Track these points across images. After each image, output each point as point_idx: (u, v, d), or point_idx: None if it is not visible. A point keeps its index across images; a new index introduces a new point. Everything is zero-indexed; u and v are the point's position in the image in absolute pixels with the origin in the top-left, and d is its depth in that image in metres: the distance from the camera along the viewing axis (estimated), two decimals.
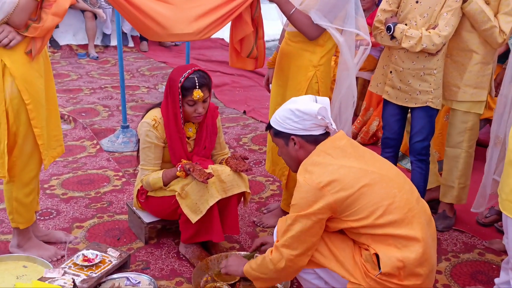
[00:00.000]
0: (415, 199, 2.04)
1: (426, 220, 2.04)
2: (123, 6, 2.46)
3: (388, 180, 2.00)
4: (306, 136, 2.07)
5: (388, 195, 1.95)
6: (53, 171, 3.64)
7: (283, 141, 2.13)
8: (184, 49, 5.08)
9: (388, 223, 1.93)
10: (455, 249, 2.92)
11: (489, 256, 2.87)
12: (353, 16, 2.67)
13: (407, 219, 1.95)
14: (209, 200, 2.52)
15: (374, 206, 1.93)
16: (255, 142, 4.36)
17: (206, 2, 2.54)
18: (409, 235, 1.93)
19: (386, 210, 1.93)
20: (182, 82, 2.53)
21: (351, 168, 1.97)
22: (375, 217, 1.92)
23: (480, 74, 2.84)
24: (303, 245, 1.98)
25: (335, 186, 1.92)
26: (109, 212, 3.17)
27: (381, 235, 1.94)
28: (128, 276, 2.50)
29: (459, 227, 3.12)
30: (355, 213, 1.94)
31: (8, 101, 2.34)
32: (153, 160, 2.67)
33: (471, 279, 2.68)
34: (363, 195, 1.93)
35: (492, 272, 2.71)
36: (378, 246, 1.96)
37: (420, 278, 1.96)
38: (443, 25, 2.70)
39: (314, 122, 2.05)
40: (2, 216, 3.01)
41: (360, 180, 1.94)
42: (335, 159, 1.99)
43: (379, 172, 2.01)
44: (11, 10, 2.21)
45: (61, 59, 6.83)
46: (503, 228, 2.27)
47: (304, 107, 2.04)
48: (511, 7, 2.68)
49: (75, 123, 4.59)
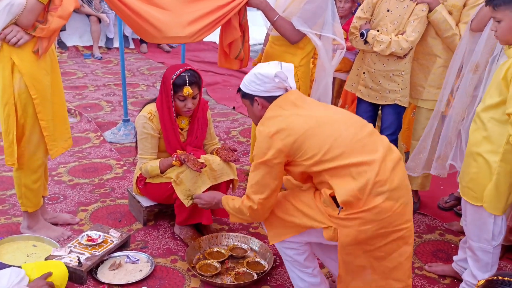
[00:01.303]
0: (367, 133, 1.96)
1: (384, 147, 1.94)
2: (123, 11, 2.43)
3: (333, 121, 1.96)
4: (267, 97, 2.03)
5: (333, 133, 1.91)
6: (61, 160, 3.60)
7: (249, 102, 2.11)
8: (180, 51, 5.06)
9: (337, 156, 1.87)
10: (418, 230, 2.93)
11: (449, 236, 2.89)
12: (330, 23, 2.66)
13: (356, 149, 1.89)
14: (201, 186, 2.51)
15: (320, 144, 1.89)
16: (243, 135, 4.34)
17: (199, 9, 2.52)
18: (358, 161, 1.86)
19: (332, 145, 1.88)
20: (174, 79, 2.51)
21: (299, 116, 1.95)
22: (322, 153, 1.88)
23: (443, 76, 2.84)
24: (267, 188, 1.97)
25: (283, 133, 1.90)
26: (111, 197, 3.15)
27: (333, 168, 1.88)
28: (128, 254, 2.50)
29: (422, 211, 3.14)
30: (305, 154, 1.90)
31: (17, 95, 2.30)
32: (149, 150, 2.65)
33: (433, 256, 2.69)
34: (309, 137, 1.90)
35: (451, 251, 2.73)
36: (335, 181, 1.88)
37: (383, 195, 1.84)
38: (410, 31, 2.70)
39: (273, 85, 2.02)
40: (14, 201, 2.97)
41: (306, 124, 1.92)
42: (285, 111, 1.97)
43: (327, 116, 1.99)
44: (19, 12, 2.18)
45: (68, 59, 6.77)
46: (462, 212, 2.29)
47: (265, 71, 2.02)
48: (471, 17, 2.68)
49: (80, 117, 4.55)
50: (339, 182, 1.87)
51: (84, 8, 6.37)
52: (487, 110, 2.03)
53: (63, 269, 2.18)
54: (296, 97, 2.03)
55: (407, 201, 1.92)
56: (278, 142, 1.90)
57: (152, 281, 2.35)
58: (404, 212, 1.90)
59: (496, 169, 2.01)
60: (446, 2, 2.72)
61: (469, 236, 2.21)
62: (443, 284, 2.45)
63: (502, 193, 2.04)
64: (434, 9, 2.67)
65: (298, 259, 2.09)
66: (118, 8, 2.41)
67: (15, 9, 2.17)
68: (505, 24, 1.95)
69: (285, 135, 1.90)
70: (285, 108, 1.98)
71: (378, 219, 1.84)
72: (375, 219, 1.84)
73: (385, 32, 2.77)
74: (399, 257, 1.92)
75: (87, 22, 6.98)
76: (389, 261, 1.92)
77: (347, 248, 1.89)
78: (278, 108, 1.99)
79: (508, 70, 1.94)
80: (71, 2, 2.28)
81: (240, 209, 2.08)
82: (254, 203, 2.00)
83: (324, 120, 1.95)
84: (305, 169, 1.94)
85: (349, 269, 1.94)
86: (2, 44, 2.25)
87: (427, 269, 2.55)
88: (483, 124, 2.04)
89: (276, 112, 1.98)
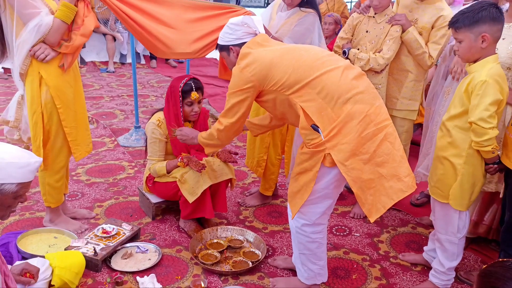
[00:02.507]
0: (327, 54, 1.92)
1: (345, 62, 1.89)
2: (137, 30, 2.44)
3: (296, 49, 1.94)
4: (240, 44, 2.03)
5: (294, 58, 1.87)
6: (80, 161, 3.59)
7: (226, 53, 2.11)
8: (185, 66, 5.08)
9: (300, 76, 1.83)
10: (393, 224, 2.95)
11: (420, 229, 2.90)
12: (317, 43, 2.68)
13: (316, 67, 1.83)
14: (203, 185, 2.52)
15: (284, 69, 1.86)
16: (240, 140, 4.35)
17: (202, 28, 2.53)
18: (319, 73, 1.82)
19: (294, 68, 1.85)
20: (182, 87, 2.54)
21: (266, 51, 1.94)
22: (287, 76, 1.85)
23: (414, 89, 2.86)
24: (236, 115, 1.99)
25: (251, 66, 1.90)
26: (123, 194, 3.14)
27: (300, 89, 1.83)
28: (138, 245, 2.50)
29: (396, 207, 3.14)
30: (272, 80, 1.88)
31: (43, 105, 2.31)
32: (158, 152, 2.66)
33: (406, 247, 2.70)
34: (275, 65, 1.88)
35: (422, 242, 2.74)
36: (306, 104, 1.83)
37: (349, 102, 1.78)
38: (386, 49, 2.72)
39: (243, 31, 2.02)
40: (38, 197, 2.97)
41: (271, 54, 1.91)
42: (253, 50, 1.96)
43: (291, 47, 1.97)
44: (46, 31, 2.19)
45: (86, 72, 6.77)
46: (431, 208, 2.30)
47: (234, 20, 2.03)
48: (438, 37, 2.70)
49: (97, 124, 4.55)
50: (308, 103, 1.83)
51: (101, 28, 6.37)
52: (451, 119, 2.05)
53: (81, 258, 2.20)
54: (262, 38, 2.02)
55: (379, 103, 1.85)
56: (247, 73, 1.91)
57: (159, 268, 2.36)
58: (380, 112, 1.83)
59: (460, 171, 2.02)
60: (416, 24, 2.74)
61: (437, 229, 2.22)
62: (415, 271, 2.46)
63: (466, 192, 2.05)
64: (407, 30, 2.70)
65: (316, 252, 2.06)
66: (133, 27, 2.42)
67: (43, 29, 2.19)
68: (465, 44, 1.96)
69: (253, 67, 1.90)
70: (253, 48, 1.97)
71: (355, 124, 1.77)
72: (351, 126, 1.77)
73: (364, 50, 2.79)
74: (397, 153, 1.82)
75: (103, 40, 7.00)
76: (391, 161, 1.81)
77: (348, 165, 1.79)
78: (247, 48, 1.98)
79: (469, 84, 1.96)
80: (91, 22, 2.30)
81: (211, 133, 2.11)
82: (222, 125, 2.03)
83: (287, 50, 1.94)
84: (276, 96, 1.92)
85: (361, 186, 1.82)
86: (31, 60, 2.26)
87: (401, 258, 2.56)
88: (448, 132, 2.05)
89: (245, 51, 1.97)
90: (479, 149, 1.96)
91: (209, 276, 2.32)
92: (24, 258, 2.19)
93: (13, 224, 2.69)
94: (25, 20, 2.18)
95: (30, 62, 2.26)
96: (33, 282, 1.88)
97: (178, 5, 2.49)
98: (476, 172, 2.03)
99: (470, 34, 1.93)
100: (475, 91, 1.92)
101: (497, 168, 2.04)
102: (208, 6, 2.57)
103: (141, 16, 2.39)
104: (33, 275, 1.88)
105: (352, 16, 2.92)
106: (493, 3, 1.96)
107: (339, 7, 4.73)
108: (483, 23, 1.90)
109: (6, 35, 2.25)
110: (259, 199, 3.09)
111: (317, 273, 2.15)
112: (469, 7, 1.97)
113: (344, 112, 1.79)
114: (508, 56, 2.19)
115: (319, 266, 2.13)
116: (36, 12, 2.17)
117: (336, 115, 1.79)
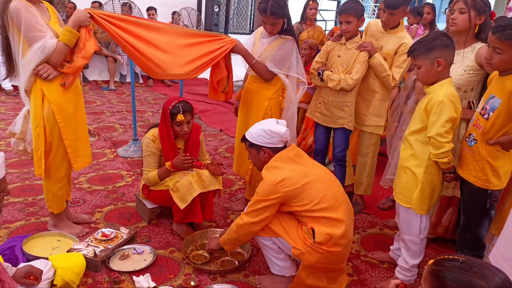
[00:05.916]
0: (340, 193, 2.06)
1: (348, 207, 2.06)
2: (134, 54, 2.40)
3: (323, 180, 2.01)
4: (273, 148, 2.07)
5: (322, 190, 1.97)
6: (81, 171, 3.52)
7: (255, 150, 2.12)
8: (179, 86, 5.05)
9: (322, 209, 1.94)
10: (363, 226, 2.96)
11: (386, 230, 2.92)
12: (295, 65, 2.69)
13: (334, 207, 1.97)
14: (193, 193, 2.48)
15: (312, 197, 1.94)
16: (228, 151, 4.32)
17: (193, 53, 2.51)
18: (336, 217, 1.95)
19: (320, 200, 1.94)
20: (170, 109, 2.50)
21: (297, 171, 1.99)
22: (313, 204, 1.94)
23: (380, 107, 2.90)
24: (259, 216, 1.99)
25: (285, 183, 1.93)
26: (122, 200, 3.08)
27: (317, 217, 1.96)
28: (134, 247, 2.45)
29: (366, 211, 3.17)
30: (299, 201, 1.96)
31: (45, 119, 2.26)
32: (152, 164, 2.62)
33: (374, 246, 2.71)
34: (305, 189, 1.94)
35: (388, 242, 2.75)
36: (314, 224, 1.96)
37: (341, 246, 1.97)
38: (355, 72, 2.75)
39: (279, 139, 2.06)
40: (42, 204, 2.89)
41: (303, 179, 1.96)
42: (286, 164, 2.01)
43: (317, 174, 2.03)
44: (50, 53, 2.15)
45: (89, 90, 6.67)
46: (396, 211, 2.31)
47: (275, 129, 2.06)
48: (400, 62, 2.75)
49: (98, 136, 4.47)
50: (317, 226, 1.95)
51: (103, 51, 6.33)
52: (412, 134, 2.07)
53: (82, 259, 2.14)
54: (295, 153, 2.06)
55: (350, 246, 2.07)
56: (281, 189, 1.93)
57: (154, 268, 2.31)
58: (346, 254, 2.06)
59: (421, 179, 2.04)
60: (382, 50, 2.79)
61: (402, 231, 2.23)
62: (382, 268, 2.46)
63: (426, 197, 2.07)
64: (373, 55, 2.74)
65: (272, 247, 2.10)
66: (129, 51, 2.39)
67: (47, 51, 2.15)
68: (423, 69, 1.99)
69: (287, 185, 1.93)
70: (286, 162, 2.02)
71: (332, 258, 1.98)
72: (330, 258, 1.97)
73: (336, 72, 2.82)
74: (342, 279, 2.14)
75: (105, 61, 6.93)
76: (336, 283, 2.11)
77: (307, 267, 2.00)
78: (281, 161, 2.02)
79: (427, 103, 1.98)
80: (92, 46, 2.27)
81: (230, 228, 2.12)
82: (242, 221, 2.03)
83: (315, 177, 2.00)
84: (293, 210, 1.99)
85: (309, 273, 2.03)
86: (35, 78, 2.21)
87: (370, 256, 2.56)
88: (410, 145, 2.07)
89: (280, 164, 2.01)
90: (437, 160, 1.98)
91: (199, 274, 2.28)
92: (28, 260, 2.12)
93: (19, 228, 2.61)
94: (31, 41, 2.13)
95: (34, 80, 2.21)
96: (37, 284, 1.82)
97: (171, 32, 2.47)
98: (435, 180, 2.05)
99: (426, 60, 1.96)
100: (433, 109, 1.94)
101: (453, 177, 2.06)
102: (199, 34, 2.56)
103: (137, 41, 2.37)
104: (36, 278, 1.82)
105: (326, 43, 2.95)
106: (444, 32, 2.00)
107: (318, 35, 4.82)
108: (437, 50, 1.93)
109: (14, 54, 2.20)
110: (244, 204, 3.06)
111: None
112: (424, 37, 2.01)
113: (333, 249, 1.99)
114: (458, 77, 2.24)
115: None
116: (41, 35, 2.13)
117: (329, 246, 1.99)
